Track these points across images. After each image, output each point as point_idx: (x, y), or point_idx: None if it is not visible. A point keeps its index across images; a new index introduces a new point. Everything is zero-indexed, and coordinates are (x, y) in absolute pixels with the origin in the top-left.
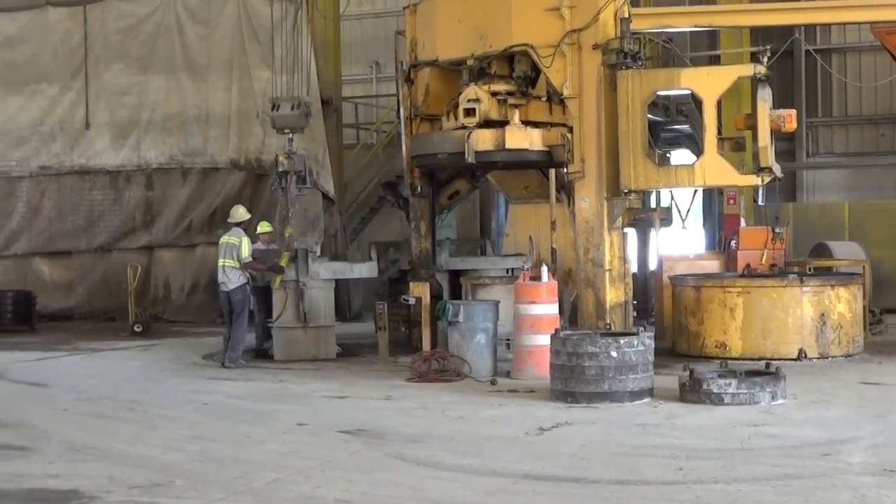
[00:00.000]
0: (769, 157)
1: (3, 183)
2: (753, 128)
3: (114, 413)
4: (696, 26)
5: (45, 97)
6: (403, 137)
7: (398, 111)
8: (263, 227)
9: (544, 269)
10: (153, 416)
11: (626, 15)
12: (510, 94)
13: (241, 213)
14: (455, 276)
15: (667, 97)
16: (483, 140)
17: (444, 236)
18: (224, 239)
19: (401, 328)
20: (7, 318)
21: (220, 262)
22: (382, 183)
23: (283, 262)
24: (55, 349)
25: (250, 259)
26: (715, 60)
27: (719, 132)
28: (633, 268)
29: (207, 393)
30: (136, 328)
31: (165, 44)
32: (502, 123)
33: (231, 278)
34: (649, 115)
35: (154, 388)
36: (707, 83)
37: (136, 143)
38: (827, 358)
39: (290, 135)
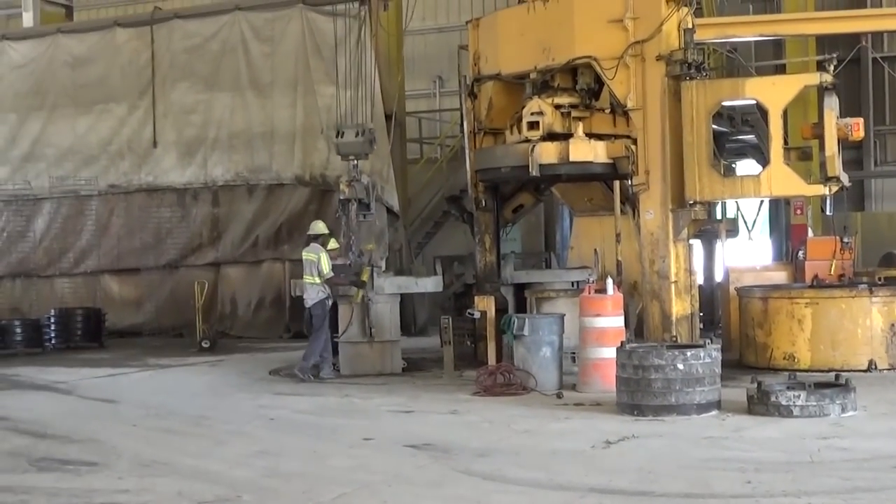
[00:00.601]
0: (836, 167)
1: (72, 201)
2: (820, 137)
3: (182, 428)
4: (760, 35)
5: (113, 116)
6: (467, 151)
7: (461, 125)
8: (330, 245)
9: (609, 281)
10: (221, 432)
11: (690, 25)
12: (573, 106)
13: (320, 227)
14: (520, 289)
15: (732, 107)
16: (547, 153)
17: (508, 250)
18: (305, 255)
19: (466, 342)
20: (77, 335)
21: (304, 278)
22: (447, 197)
23: (364, 278)
24: (124, 365)
25: (331, 274)
26: (780, 69)
27: (785, 142)
28: (699, 279)
29: (274, 408)
30: (203, 344)
31: (230, 62)
32: (566, 136)
33: (311, 294)
34: (714, 126)
35: (221, 403)
36: (773, 93)
37: (202, 160)
38: None
39: (355, 161)
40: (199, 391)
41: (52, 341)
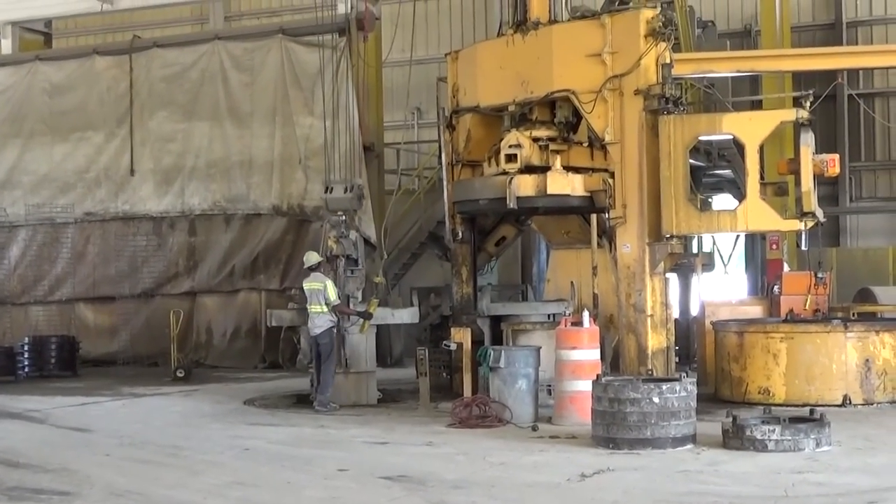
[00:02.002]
0: (812, 202)
1: (48, 229)
2: (796, 172)
3: (156, 458)
4: (737, 71)
5: (90, 144)
6: (445, 183)
7: (440, 157)
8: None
9: (586, 314)
10: (195, 462)
11: (668, 60)
12: (551, 139)
13: (314, 257)
14: (496, 321)
15: (709, 142)
16: (524, 186)
17: (485, 282)
18: (307, 285)
19: (442, 374)
20: (51, 364)
21: (309, 308)
22: (426, 237)
23: (371, 309)
24: (98, 394)
25: (338, 301)
26: (757, 105)
27: (762, 177)
28: (675, 313)
29: (249, 438)
30: (178, 373)
31: (209, 91)
32: (544, 169)
33: (318, 323)
34: (691, 160)
35: (196, 433)
36: (749, 128)
37: (179, 189)
38: (872, 404)
39: (343, 216)
40: (173, 421)
41: (26, 369)
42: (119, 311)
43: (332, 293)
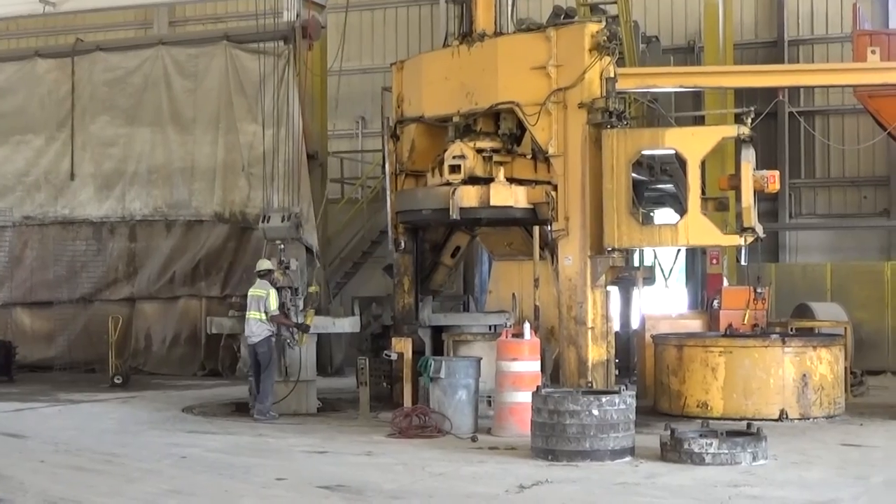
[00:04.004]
0: (752, 218)
1: None
2: (737, 188)
3: (92, 466)
4: (680, 87)
5: (30, 148)
6: (388, 193)
7: (383, 166)
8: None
9: (527, 326)
10: (131, 469)
11: (612, 75)
12: (495, 151)
13: (266, 264)
14: (437, 331)
15: (651, 156)
16: (468, 196)
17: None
18: (251, 291)
19: (382, 383)
20: None
21: (248, 314)
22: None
23: (308, 321)
24: (34, 400)
25: (278, 312)
26: (699, 121)
27: (703, 192)
28: (616, 326)
29: (186, 446)
30: (116, 380)
31: (152, 96)
32: (487, 180)
33: (255, 331)
34: (633, 174)
35: (133, 440)
36: (691, 143)
37: (120, 194)
38: (808, 419)
39: (282, 246)
40: (110, 428)
41: None
42: (57, 316)
43: (273, 303)
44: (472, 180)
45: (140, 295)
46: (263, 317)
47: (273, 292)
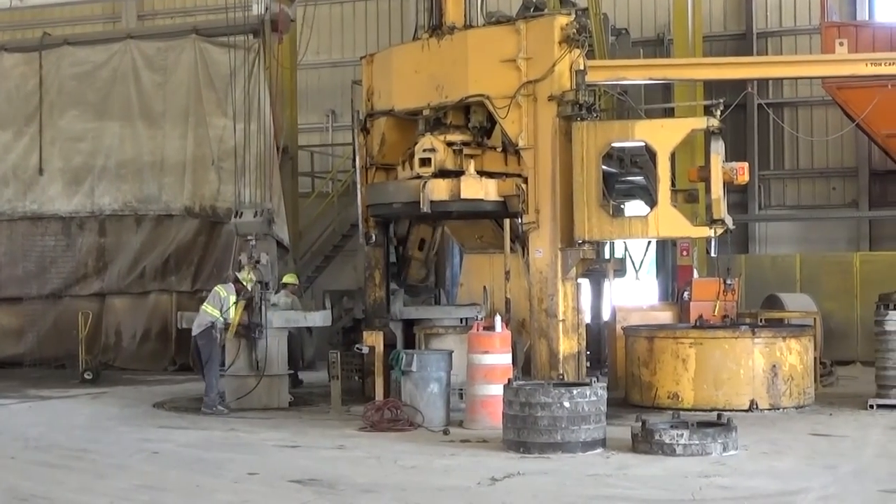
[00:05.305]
0: (722, 209)
1: None
2: (706, 180)
3: (62, 462)
4: (650, 79)
5: None
6: (359, 186)
7: (354, 160)
8: (289, 279)
9: (498, 319)
10: (102, 465)
11: (582, 67)
12: (466, 144)
13: (244, 275)
14: (409, 325)
15: (621, 149)
16: (438, 190)
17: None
18: (218, 287)
19: (354, 377)
20: None
21: (203, 305)
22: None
23: (235, 316)
24: (3, 396)
25: (221, 320)
26: (669, 113)
27: (673, 184)
28: (587, 318)
29: (158, 441)
30: (86, 376)
31: (121, 90)
32: (458, 173)
33: (197, 321)
34: (604, 167)
35: (103, 436)
36: (661, 135)
37: (89, 189)
38: (778, 409)
39: (254, 242)
40: (80, 423)
41: None
42: (26, 312)
43: (230, 308)
44: (442, 173)
45: (110, 290)
46: (217, 313)
47: (233, 299)
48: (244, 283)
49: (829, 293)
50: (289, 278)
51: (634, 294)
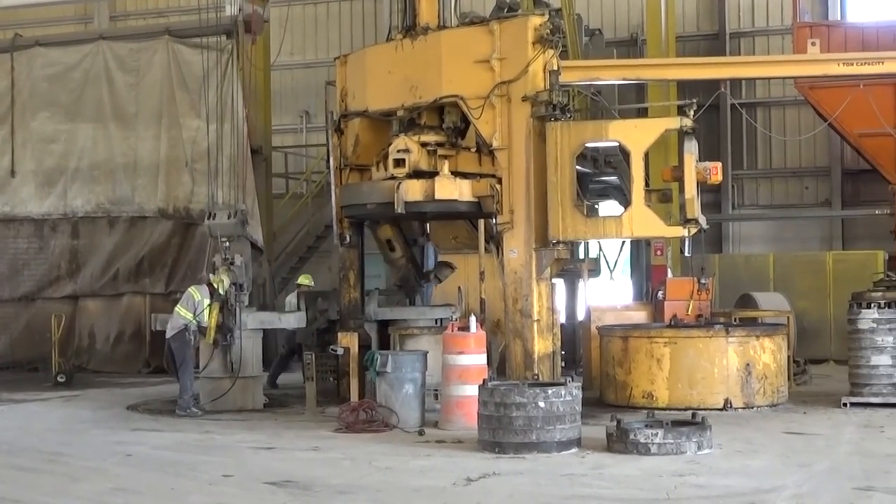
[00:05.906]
0: (695, 209)
1: None
2: (680, 180)
3: (35, 465)
4: (624, 79)
5: None
6: (333, 187)
7: (328, 161)
8: (304, 280)
9: (473, 319)
10: (76, 469)
11: (556, 67)
12: (440, 144)
13: (222, 276)
14: (384, 326)
15: (595, 149)
16: (412, 190)
17: (372, 286)
18: (192, 288)
19: (329, 378)
20: None
21: (177, 307)
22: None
23: (210, 319)
24: None
25: (195, 322)
26: (642, 113)
27: (647, 184)
28: (562, 318)
29: (132, 444)
30: (59, 378)
31: (94, 92)
32: (432, 174)
33: (170, 324)
34: (578, 167)
35: (77, 439)
36: (634, 135)
37: (62, 191)
38: (752, 408)
39: (227, 243)
40: (53, 427)
41: None
42: None
43: (202, 309)
44: (416, 174)
45: (83, 292)
46: (190, 315)
47: (206, 302)
48: (215, 285)
49: (802, 292)
50: (304, 279)
51: (609, 294)
